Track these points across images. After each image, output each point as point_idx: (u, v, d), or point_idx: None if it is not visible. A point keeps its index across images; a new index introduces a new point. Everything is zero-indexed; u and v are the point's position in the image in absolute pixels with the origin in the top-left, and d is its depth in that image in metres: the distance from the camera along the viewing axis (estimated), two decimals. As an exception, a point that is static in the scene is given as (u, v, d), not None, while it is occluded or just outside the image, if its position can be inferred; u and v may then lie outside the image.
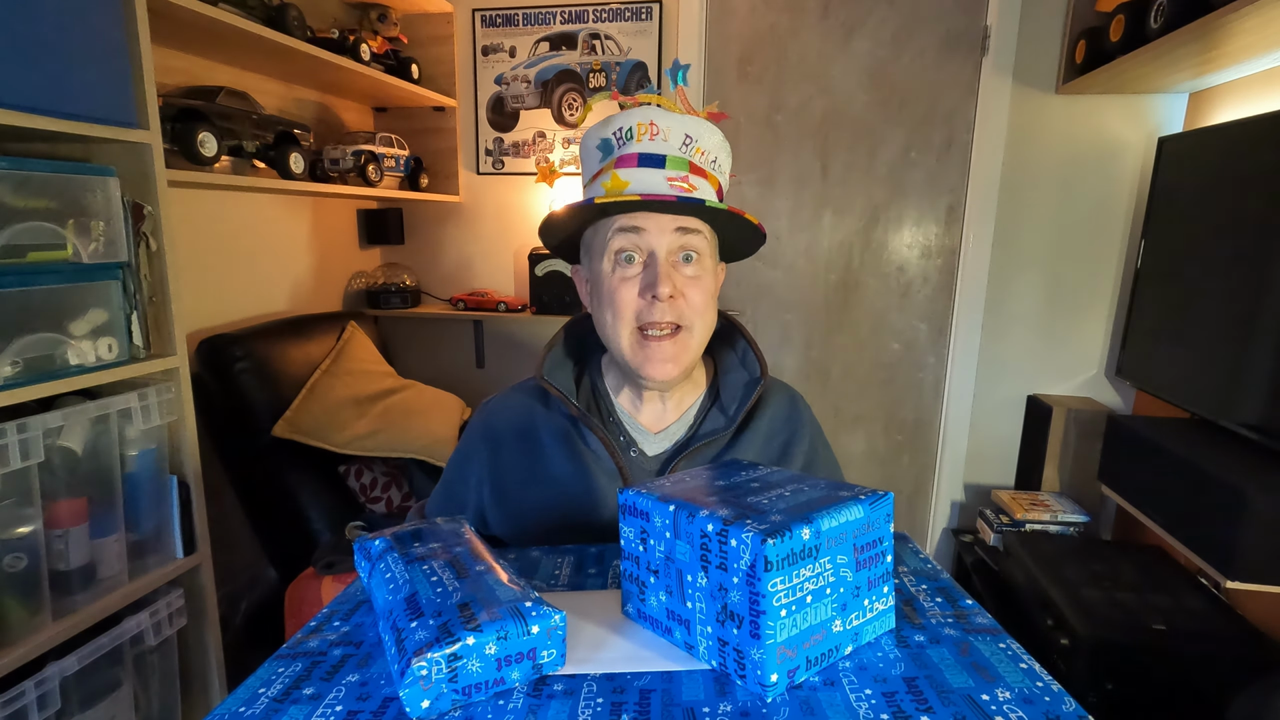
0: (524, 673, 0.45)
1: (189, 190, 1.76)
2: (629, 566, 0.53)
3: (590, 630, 0.52)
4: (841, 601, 0.46)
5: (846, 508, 0.47)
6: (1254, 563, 1.17)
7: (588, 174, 0.80)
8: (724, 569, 0.45)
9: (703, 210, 0.74)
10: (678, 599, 0.49)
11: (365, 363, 2.10)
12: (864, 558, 0.48)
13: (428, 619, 0.45)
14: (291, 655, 0.50)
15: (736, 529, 0.44)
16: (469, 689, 0.43)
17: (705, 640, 0.47)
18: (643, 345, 0.76)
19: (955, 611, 0.53)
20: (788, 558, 0.43)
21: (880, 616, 0.49)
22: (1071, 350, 2.19)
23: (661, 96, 0.76)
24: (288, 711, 0.43)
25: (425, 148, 2.50)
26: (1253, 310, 1.33)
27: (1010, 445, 2.27)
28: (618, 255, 0.75)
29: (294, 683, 0.46)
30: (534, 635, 0.45)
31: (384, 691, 0.45)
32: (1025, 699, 0.42)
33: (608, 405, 0.85)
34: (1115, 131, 2.04)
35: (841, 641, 0.47)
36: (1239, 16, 1.25)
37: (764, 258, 2.38)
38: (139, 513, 1.28)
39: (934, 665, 0.46)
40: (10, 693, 1.06)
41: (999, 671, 0.45)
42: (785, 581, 0.43)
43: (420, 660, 0.42)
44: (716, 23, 2.28)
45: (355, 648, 0.51)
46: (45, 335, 1.10)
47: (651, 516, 0.50)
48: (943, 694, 0.42)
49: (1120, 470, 1.60)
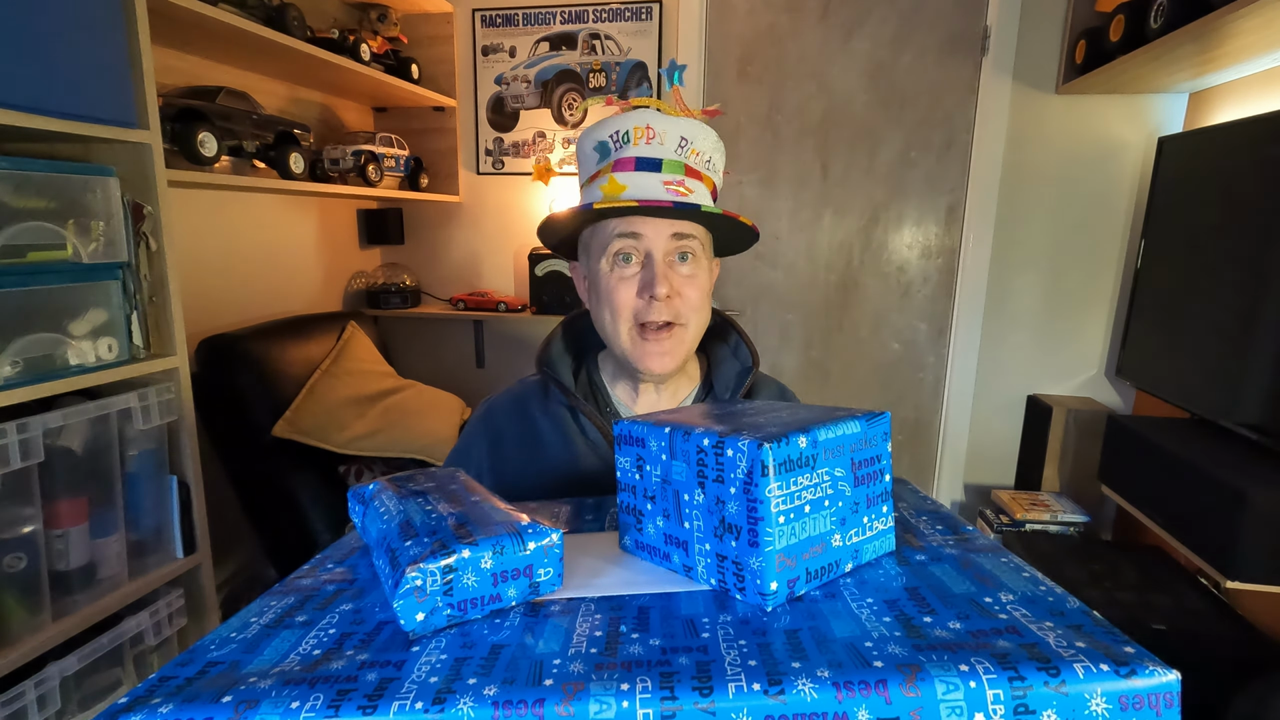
0: (520, 590, 0.44)
1: (189, 190, 1.76)
2: (625, 498, 0.53)
3: (587, 562, 0.52)
4: (840, 516, 0.46)
5: (843, 423, 0.47)
6: (1254, 563, 1.17)
7: (585, 175, 0.82)
8: (720, 481, 0.45)
9: (698, 214, 0.76)
10: (675, 521, 0.49)
11: (365, 363, 2.10)
12: (862, 474, 0.48)
13: (422, 537, 0.45)
14: (284, 591, 0.49)
15: (732, 440, 0.44)
16: (464, 604, 0.43)
17: (704, 559, 0.47)
18: (641, 340, 0.78)
19: (956, 536, 0.52)
20: (785, 464, 0.43)
21: (880, 536, 0.49)
22: (1071, 350, 2.19)
23: (657, 100, 0.78)
24: (279, 635, 0.43)
25: (425, 148, 2.50)
26: (1253, 310, 1.33)
27: (1010, 445, 2.27)
28: (615, 256, 0.77)
29: (286, 612, 0.46)
30: (531, 552, 0.44)
31: (378, 616, 0.44)
32: (1029, 600, 0.41)
33: (605, 397, 0.87)
34: (1115, 131, 2.04)
35: (841, 557, 0.47)
36: (1239, 16, 1.25)
37: (764, 258, 2.38)
38: (139, 513, 1.28)
39: (936, 578, 0.45)
40: (10, 693, 1.06)
41: (1001, 580, 0.44)
42: (782, 489, 0.43)
43: (414, 570, 0.41)
44: (716, 23, 2.28)
45: (349, 584, 0.50)
46: (45, 335, 1.10)
47: (647, 441, 0.50)
48: (945, 599, 0.42)
49: (1120, 470, 1.60)
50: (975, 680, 0.34)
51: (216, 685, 0.37)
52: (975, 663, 0.35)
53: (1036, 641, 0.37)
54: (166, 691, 0.37)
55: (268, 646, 0.41)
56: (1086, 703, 0.33)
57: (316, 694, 0.36)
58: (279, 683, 0.37)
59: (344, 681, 0.37)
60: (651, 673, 0.36)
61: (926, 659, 0.35)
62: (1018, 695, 0.33)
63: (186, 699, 0.36)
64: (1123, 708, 0.33)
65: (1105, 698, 0.33)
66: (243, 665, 0.39)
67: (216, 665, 0.40)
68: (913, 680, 0.34)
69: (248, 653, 0.41)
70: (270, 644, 0.42)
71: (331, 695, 0.36)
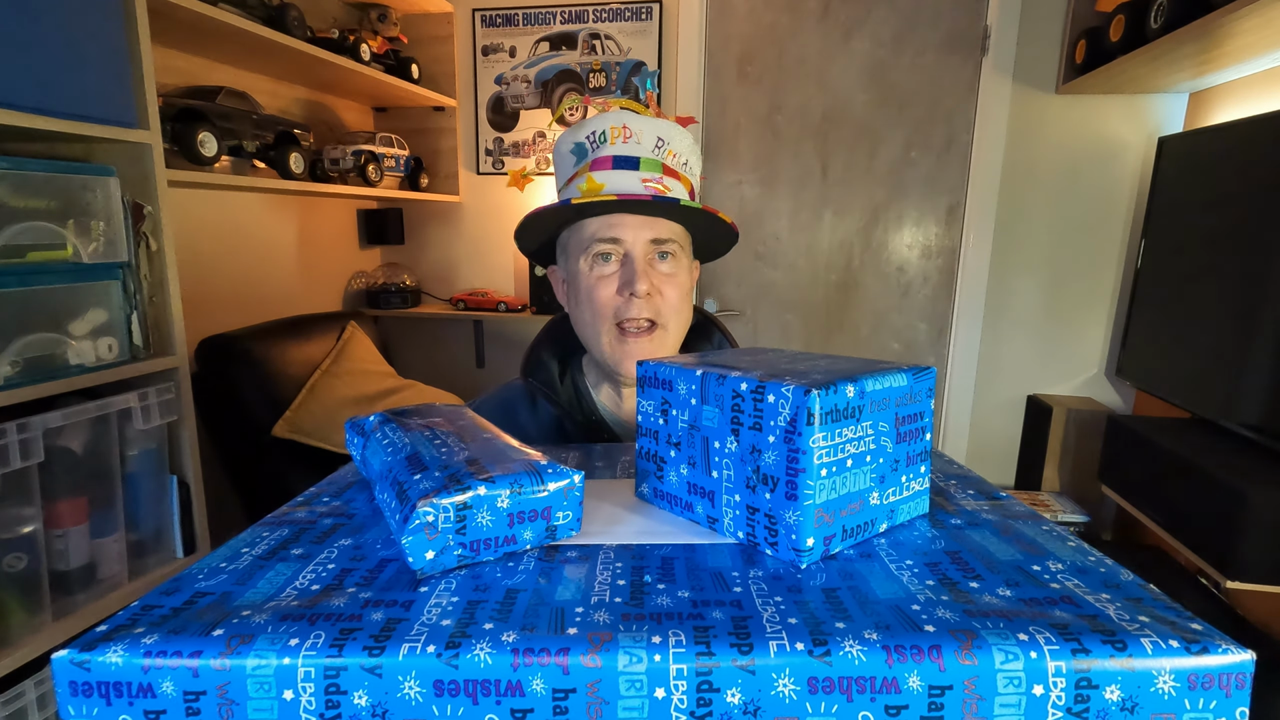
0: (536, 533, 0.42)
1: (189, 190, 1.76)
2: (646, 444, 0.50)
3: (604, 509, 0.48)
4: (880, 473, 0.43)
5: (890, 375, 0.44)
6: (1254, 563, 1.17)
7: (562, 178, 0.82)
8: (758, 429, 0.41)
9: (676, 211, 0.76)
10: (701, 470, 0.46)
11: (365, 363, 2.10)
12: (905, 430, 0.45)
13: (433, 472, 0.41)
14: (277, 522, 0.46)
15: (774, 386, 0.40)
16: (477, 544, 0.40)
17: (732, 511, 0.44)
18: (621, 342, 0.78)
19: (991, 501, 0.50)
20: (831, 413, 0.39)
21: (916, 497, 0.47)
22: (1071, 350, 2.19)
23: (631, 100, 0.79)
24: (273, 567, 0.39)
25: (425, 148, 2.50)
26: (1253, 310, 1.33)
27: (1010, 445, 2.27)
28: (595, 256, 0.77)
29: (280, 544, 0.43)
30: (550, 493, 0.41)
31: (380, 553, 0.41)
32: (1079, 570, 0.39)
33: (589, 402, 0.87)
34: (1115, 131, 2.04)
35: (878, 516, 0.44)
36: (1239, 16, 1.25)
37: (764, 258, 2.38)
38: (139, 513, 1.28)
39: (976, 542, 0.43)
40: (10, 693, 1.06)
41: (1047, 548, 0.42)
42: (827, 439, 0.39)
43: (426, 505, 0.38)
44: (716, 23, 2.28)
45: (347, 518, 0.47)
46: (45, 335, 1.10)
47: (675, 385, 0.47)
48: (990, 564, 0.39)
49: (1120, 470, 1.60)
50: (1036, 650, 0.31)
51: (205, 618, 0.34)
52: (1035, 632, 0.32)
53: (1096, 614, 0.34)
54: (150, 621, 0.34)
55: (261, 579, 0.38)
56: (1154, 679, 0.31)
57: (318, 631, 0.33)
58: (275, 618, 0.34)
59: (347, 620, 0.34)
60: (684, 625, 0.33)
61: (981, 625, 0.33)
62: (1081, 669, 0.31)
63: (173, 630, 0.33)
64: (1191, 686, 0.31)
65: (1174, 675, 0.31)
66: (234, 597, 0.36)
67: (205, 596, 0.37)
68: (968, 648, 0.32)
69: (239, 584, 0.38)
70: (264, 576, 0.39)
71: (334, 634, 0.33)
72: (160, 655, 0.32)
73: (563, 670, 0.32)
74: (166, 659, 0.32)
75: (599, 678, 0.32)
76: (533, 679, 0.32)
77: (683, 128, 0.79)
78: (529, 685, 0.32)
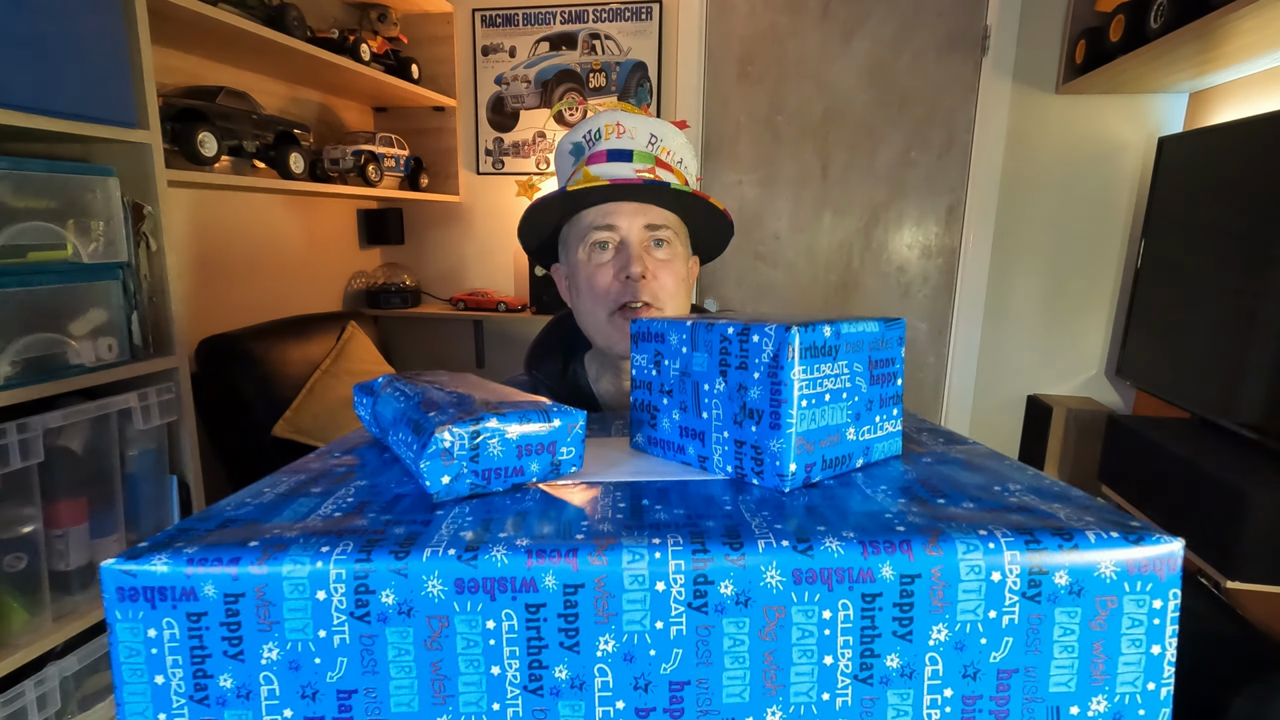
0: (542, 467, 0.45)
1: (189, 190, 1.76)
2: (640, 395, 0.54)
3: (604, 455, 0.52)
4: (855, 410, 0.47)
5: (863, 321, 0.48)
6: (1254, 563, 1.17)
7: (562, 177, 0.86)
8: (744, 368, 0.45)
9: (669, 198, 0.79)
10: (692, 413, 0.49)
11: (365, 363, 2.10)
12: (877, 373, 0.49)
13: (446, 409, 0.44)
14: (293, 470, 0.49)
15: (758, 327, 0.45)
16: (489, 473, 0.43)
17: (721, 447, 0.48)
18: (621, 321, 0.80)
19: (959, 446, 0.54)
20: (810, 349, 0.44)
21: (889, 438, 0.50)
22: (1071, 350, 2.19)
23: (624, 103, 0.81)
24: (296, 500, 0.42)
25: (425, 148, 2.50)
26: (1252, 310, 1.33)
27: (1010, 445, 2.27)
28: (592, 244, 0.80)
29: (300, 485, 0.45)
30: (556, 429, 0.45)
31: (395, 490, 0.44)
32: (1036, 489, 0.43)
33: (590, 396, 0.88)
34: (1115, 131, 2.04)
35: (854, 451, 0.48)
36: (1239, 16, 1.25)
37: (764, 258, 2.38)
38: (139, 513, 1.28)
39: (944, 473, 0.47)
40: (10, 693, 1.06)
41: (1008, 475, 0.46)
42: (806, 373, 0.43)
43: (443, 431, 0.41)
44: (716, 23, 2.28)
45: (360, 467, 0.50)
46: (45, 335, 1.10)
47: (667, 336, 0.51)
48: (957, 486, 0.44)
49: (1120, 470, 1.60)
50: (994, 543, 0.36)
51: (239, 535, 0.37)
52: (993, 528, 0.37)
53: (1049, 516, 0.39)
54: (187, 539, 0.37)
55: (286, 509, 0.41)
56: (1096, 565, 0.36)
57: (346, 541, 0.36)
58: (305, 534, 0.37)
59: (372, 534, 0.37)
60: (681, 531, 0.37)
61: (946, 525, 0.37)
62: (1033, 559, 0.36)
63: (210, 544, 0.36)
64: (1130, 571, 0.36)
65: (1115, 563, 0.36)
66: (263, 521, 0.39)
67: (235, 521, 0.39)
68: (935, 541, 0.36)
69: (266, 514, 0.41)
70: (289, 507, 0.42)
71: (361, 543, 0.36)
72: (201, 564, 0.35)
73: (572, 568, 0.35)
74: (208, 566, 0.35)
75: (605, 574, 0.35)
76: (545, 576, 0.35)
77: (676, 128, 0.82)
78: (541, 581, 0.35)
